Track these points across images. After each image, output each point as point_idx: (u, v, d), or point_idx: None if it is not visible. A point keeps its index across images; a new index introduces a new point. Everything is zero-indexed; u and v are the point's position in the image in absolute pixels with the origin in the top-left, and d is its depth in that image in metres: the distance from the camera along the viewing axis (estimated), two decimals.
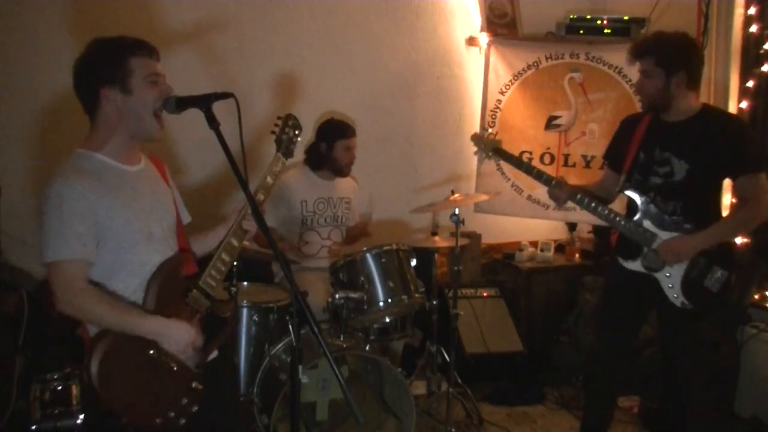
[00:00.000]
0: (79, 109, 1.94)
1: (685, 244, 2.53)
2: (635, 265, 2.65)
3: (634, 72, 2.90)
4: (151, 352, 1.85)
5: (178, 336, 1.87)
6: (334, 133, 3.54)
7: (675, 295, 2.58)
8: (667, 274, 2.59)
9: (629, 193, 2.67)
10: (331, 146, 3.53)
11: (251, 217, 2.02)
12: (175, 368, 1.89)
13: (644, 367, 3.52)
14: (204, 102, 1.82)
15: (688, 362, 2.76)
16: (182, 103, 1.88)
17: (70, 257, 1.77)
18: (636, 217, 2.65)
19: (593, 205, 2.70)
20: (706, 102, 3.01)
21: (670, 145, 2.58)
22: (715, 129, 2.53)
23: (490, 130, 2.97)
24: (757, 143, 2.61)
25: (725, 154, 2.51)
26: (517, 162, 2.91)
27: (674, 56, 2.52)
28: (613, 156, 2.86)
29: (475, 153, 3.01)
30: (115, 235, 1.84)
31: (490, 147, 2.92)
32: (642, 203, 2.64)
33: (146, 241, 1.91)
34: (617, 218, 2.67)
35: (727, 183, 2.67)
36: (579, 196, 2.72)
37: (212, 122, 1.79)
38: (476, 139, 3.00)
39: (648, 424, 3.47)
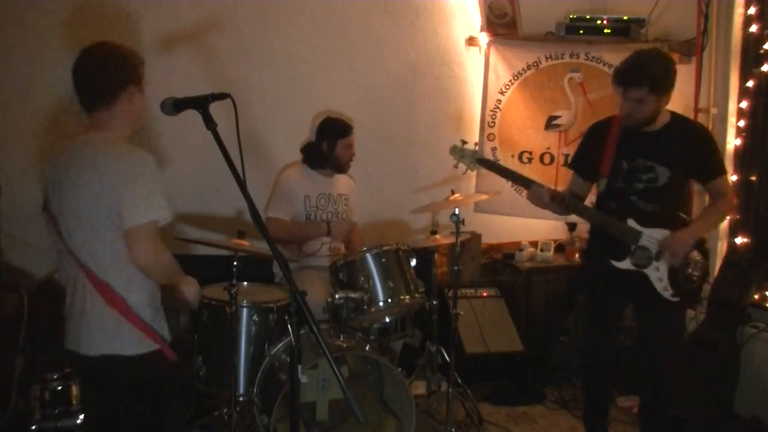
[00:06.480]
0: (78, 109, 1.95)
1: (687, 236, 2.66)
2: (625, 264, 2.72)
3: None
4: None
5: None
6: (336, 132, 3.57)
7: (665, 288, 2.69)
8: (656, 269, 2.68)
9: (609, 202, 2.78)
10: (333, 145, 3.56)
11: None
12: None
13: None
14: (201, 103, 1.82)
15: (665, 350, 2.87)
16: (179, 105, 1.88)
17: None
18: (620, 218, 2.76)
19: (582, 206, 2.81)
20: (704, 104, 3.16)
21: (653, 154, 2.70)
22: (689, 138, 2.72)
23: (468, 142, 2.97)
24: (719, 148, 2.89)
25: (704, 161, 2.73)
26: (502, 170, 2.93)
27: (666, 81, 2.62)
28: (586, 164, 2.93)
29: (455, 166, 2.99)
30: None
31: (472, 157, 2.92)
32: (622, 207, 2.74)
33: None
34: (606, 218, 2.74)
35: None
36: (566, 199, 2.80)
37: (209, 123, 1.79)
38: (456, 151, 2.99)
39: None
